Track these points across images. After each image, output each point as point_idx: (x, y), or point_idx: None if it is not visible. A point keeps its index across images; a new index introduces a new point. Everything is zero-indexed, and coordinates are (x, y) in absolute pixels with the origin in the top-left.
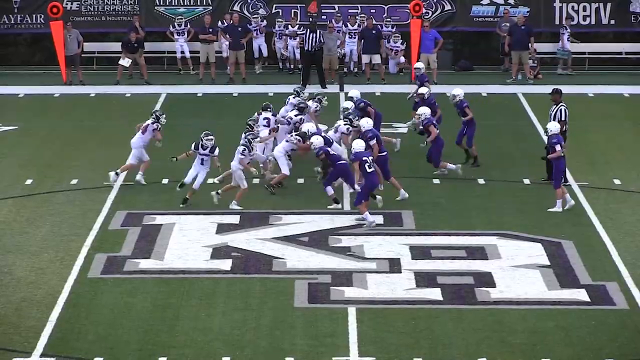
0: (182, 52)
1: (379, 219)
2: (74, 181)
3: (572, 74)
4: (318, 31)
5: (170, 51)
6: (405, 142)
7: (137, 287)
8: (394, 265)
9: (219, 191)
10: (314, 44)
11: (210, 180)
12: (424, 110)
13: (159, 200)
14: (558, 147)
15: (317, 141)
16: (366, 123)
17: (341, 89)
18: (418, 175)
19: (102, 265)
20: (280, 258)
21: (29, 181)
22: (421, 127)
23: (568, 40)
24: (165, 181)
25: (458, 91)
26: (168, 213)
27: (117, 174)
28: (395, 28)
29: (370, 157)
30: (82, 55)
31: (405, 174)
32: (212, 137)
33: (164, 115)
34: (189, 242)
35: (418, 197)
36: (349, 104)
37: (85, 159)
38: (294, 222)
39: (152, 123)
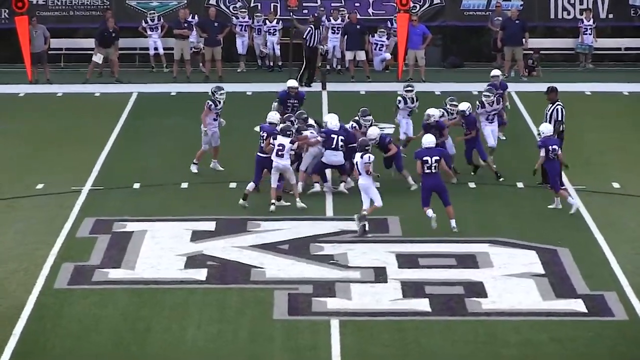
0: (155, 49)
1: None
2: (40, 186)
3: (591, 67)
4: (322, 27)
5: (142, 47)
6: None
7: (106, 298)
8: (380, 275)
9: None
10: (317, 42)
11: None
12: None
13: (129, 206)
14: (542, 152)
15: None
16: (331, 120)
17: (323, 87)
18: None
19: (70, 275)
20: (258, 267)
21: None
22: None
23: (587, 34)
24: (136, 186)
25: (434, 111)
26: (139, 220)
27: (195, 163)
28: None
29: (435, 158)
30: (49, 52)
31: (391, 178)
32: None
33: (222, 92)
34: (162, 251)
35: (405, 201)
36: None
37: (52, 163)
38: (273, 229)
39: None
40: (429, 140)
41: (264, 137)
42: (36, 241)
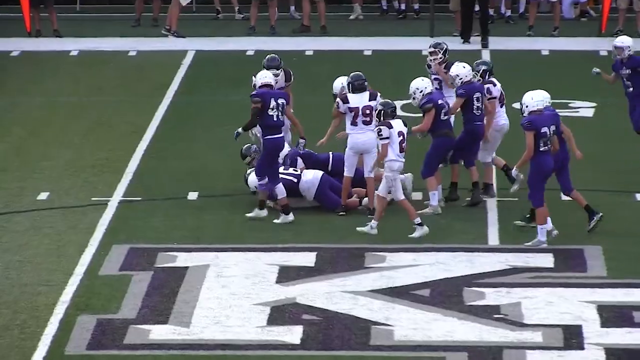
0: None
1: (547, 259)
2: (43, 195)
3: None
4: None
5: None
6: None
7: None
8: (572, 337)
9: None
10: None
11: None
12: None
13: (181, 228)
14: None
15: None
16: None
17: (484, 45)
18: (612, 189)
19: (90, 334)
20: (383, 324)
21: None
22: None
23: None
24: (192, 196)
25: (460, 70)
26: (197, 249)
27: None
28: None
29: (553, 128)
30: None
31: (595, 186)
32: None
33: (276, 68)
34: (232, 297)
35: (613, 221)
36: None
37: (62, 160)
38: (406, 264)
39: None
40: (542, 96)
41: (271, 107)
42: (37, 282)
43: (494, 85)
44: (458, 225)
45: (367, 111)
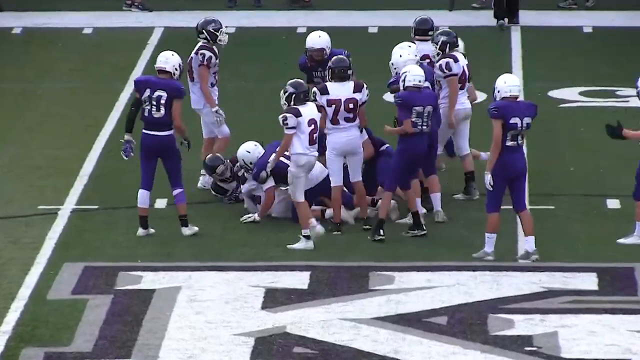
0: None
1: (590, 280)
2: None
3: None
4: None
5: None
6: None
7: None
8: None
9: None
10: None
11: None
12: None
13: (148, 242)
14: None
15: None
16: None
17: (512, 20)
18: None
19: None
20: (391, 358)
21: None
22: None
23: None
24: (161, 203)
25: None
26: (166, 267)
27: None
28: None
29: (527, 121)
30: None
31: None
32: None
33: (220, 29)
34: (209, 327)
35: None
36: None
37: (2, 158)
38: (419, 286)
39: (197, 52)
40: (512, 82)
41: (143, 99)
42: None
43: (455, 60)
44: (481, 238)
45: (351, 105)
